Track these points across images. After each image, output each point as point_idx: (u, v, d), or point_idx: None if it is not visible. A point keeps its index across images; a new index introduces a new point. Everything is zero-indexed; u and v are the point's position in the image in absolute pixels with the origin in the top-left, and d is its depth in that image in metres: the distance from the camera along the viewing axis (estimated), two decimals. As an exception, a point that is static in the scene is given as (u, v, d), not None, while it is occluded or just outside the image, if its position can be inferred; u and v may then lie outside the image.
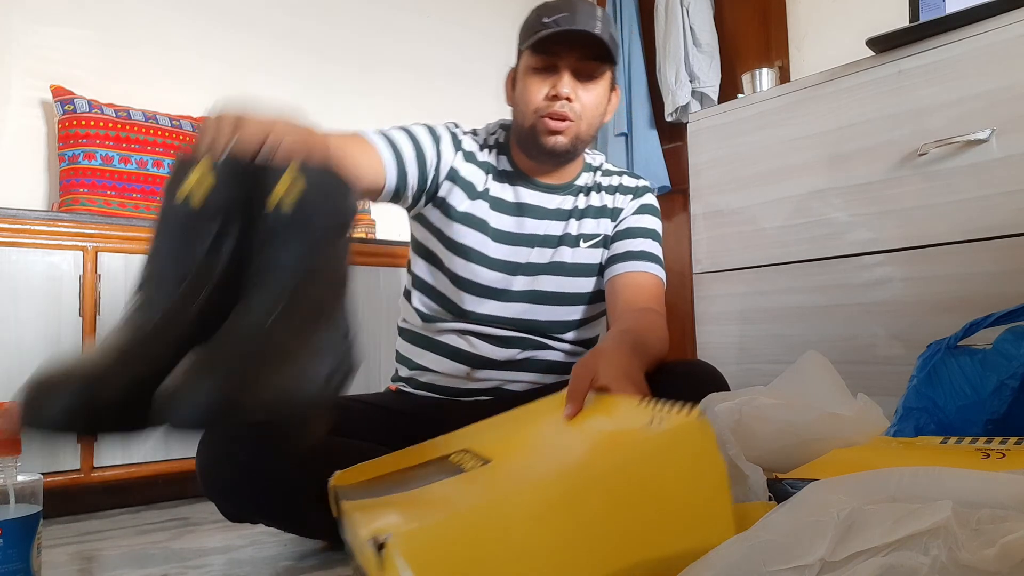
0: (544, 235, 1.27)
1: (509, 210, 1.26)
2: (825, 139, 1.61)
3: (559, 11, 1.16)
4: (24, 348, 1.53)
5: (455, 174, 1.24)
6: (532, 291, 1.26)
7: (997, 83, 1.35)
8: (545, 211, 1.28)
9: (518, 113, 1.24)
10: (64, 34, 2.03)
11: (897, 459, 0.85)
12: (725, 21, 2.76)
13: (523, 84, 1.21)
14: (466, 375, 1.26)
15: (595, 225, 1.30)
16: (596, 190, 1.33)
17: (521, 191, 1.28)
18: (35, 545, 0.79)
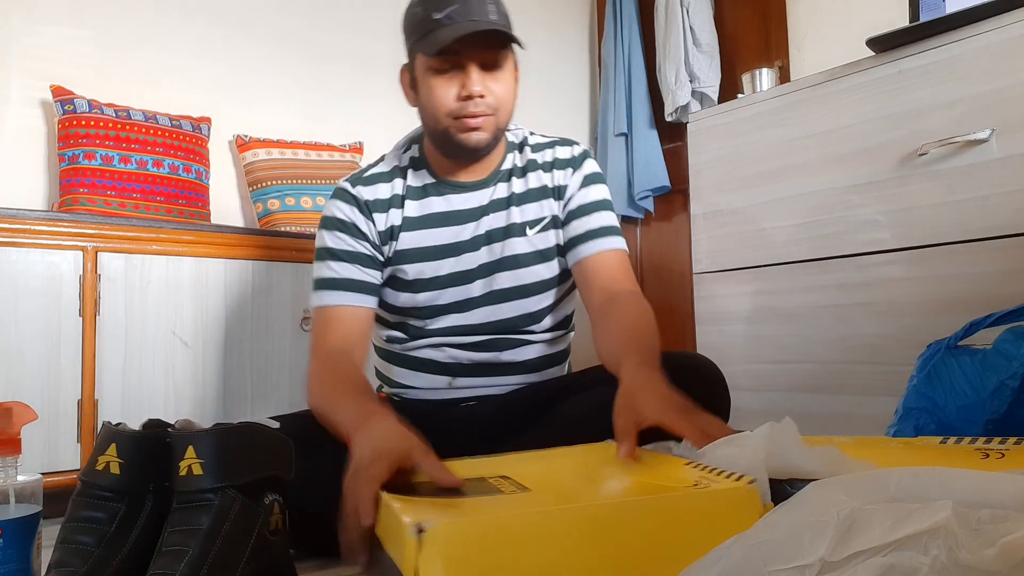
0: (487, 232, 1.23)
1: (438, 222, 1.23)
2: (825, 139, 1.61)
3: (447, 3, 1.10)
4: (24, 348, 1.53)
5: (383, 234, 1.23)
6: (491, 292, 1.23)
7: (997, 83, 1.35)
8: (479, 210, 1.24)
9: (428, 117, 1.18)
10: (64, 34, 2.03)
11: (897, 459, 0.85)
12: (725, 21, 2.76)
13: (427, 87, 1.15)
14: (448, 385, 1.25)
15: (539, 208, 1.25)
16: (530, 169, 1.26)
17: (449, 199, 1.24)
18: (35, 545, 0.79)
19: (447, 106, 1.14)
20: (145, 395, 1.66)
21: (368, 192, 1.24)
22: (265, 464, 0.76)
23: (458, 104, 1.13)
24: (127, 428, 0.79)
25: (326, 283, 1.20)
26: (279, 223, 2.12)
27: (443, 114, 1.15)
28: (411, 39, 1.16)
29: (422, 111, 1.20)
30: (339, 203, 1.23)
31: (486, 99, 1.14)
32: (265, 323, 1.83)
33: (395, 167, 1.27)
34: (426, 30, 1.11)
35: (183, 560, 0.68)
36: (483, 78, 1.13)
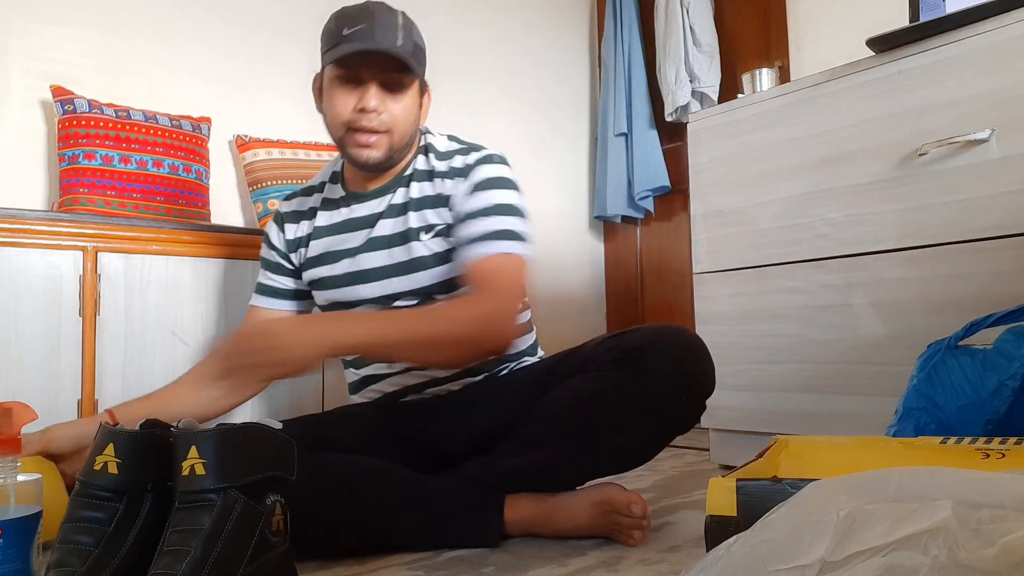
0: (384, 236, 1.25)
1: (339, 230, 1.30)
2: (825, 139, 1.61)
3: (357, 22, 1.16)
4: (24, 348, 1.53)
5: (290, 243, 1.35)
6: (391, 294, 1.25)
7: (997, 83, 1.35)
8: (374, 216, 1.27)
9: (329, 124, 1.25)
10: (64, 34, 2.03)
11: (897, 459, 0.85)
12: (725, 21, 2.76)
13: (329, 95, 1.22)
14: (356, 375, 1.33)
15: (431, 216, 1.24)
16: (430, 176, 1.27)
17: (352, 208, 1.30)
18: (35, 545, 0.79)
19: (343, 116, 1.20)
20: (145, 395, 1.66)
21: (289, 206, 1.37)
22: (267, 465, 0.77)
23: (353, 115, 1.19)
24: (125, 428, 0.79)
25: (256, 287, 1.38)
26: (279, 223, 2.12)
27: (340, 123, 1.21)
28: (322, 48, 1.24)
29: (325, 118, 1.27)
30: (271, 225, 1.39)
31: (381, 115, 1.18)
32: (265, 323, 1.83)
33: (320, 182, 1.38)
34: (334, 43, 1.18)
35: (185, 560, 0.68)
36: (382, 96, 1.18)
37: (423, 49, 1.22)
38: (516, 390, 1.25)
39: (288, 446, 0.80)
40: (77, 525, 0.76)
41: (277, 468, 0.78)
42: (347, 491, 1.05)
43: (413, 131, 1.24)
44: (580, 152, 3.19)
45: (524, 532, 1.13)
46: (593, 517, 1.09)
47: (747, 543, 0.54)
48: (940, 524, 0.46)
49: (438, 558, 1.06)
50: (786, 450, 0.94)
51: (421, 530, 1.09)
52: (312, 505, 0.99)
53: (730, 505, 0.80)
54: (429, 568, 1.01)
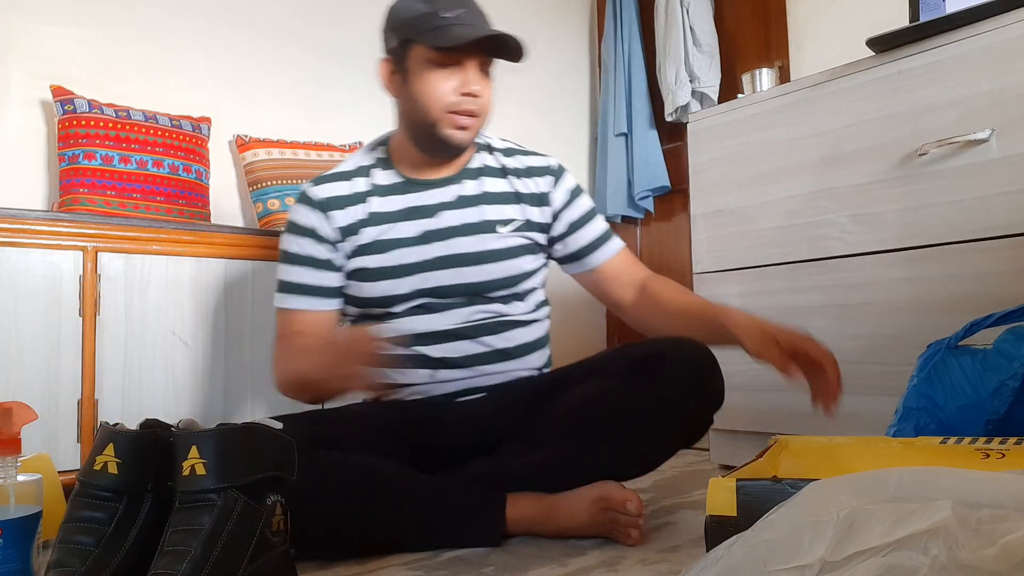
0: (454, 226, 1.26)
1: (403, 217, 1.27)
2: (825, 139, 1.61)
3: (455, 6, 1.17)
4: (24, 348, 1.53)
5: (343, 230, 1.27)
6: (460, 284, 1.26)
7: (997, 83, 1.35)
8: (441, 205, 1.28)
9: (416, 108, 1.21)
10: (64, 34, 2.03)
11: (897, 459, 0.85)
12: (725, 21, 2.76)
13: (424, 79, 1.19)
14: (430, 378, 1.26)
15: (507, 211, 1.30)
16: (501, 174, 1.32)
17: (414, 196, 1.28)
18: (35, 545, 0.79)
19: (445, 99, 1.18)
20: (145, 395, 1.66)
21: (325, 191, 1.28)
22: (267, 465, 0.77)
23: (456, 98, 1.18)
24: (125, 428, 0.79)
25: (288, 287, 1.28)
26: (279, 223, 2.12)
27: (439, 106, 1.19)
28: (408, 31, 1.19)
29: (408, 102, 1.23)
30: (300, 207, 1.28)
31: (479, 99, 1.20)
32: (264, 323, 1.83)
33: (359, 167, 1.31)
34: (434, 25, 1.16)
35: (185, 560, 0.68)
36: (481, 81, 1.20)
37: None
38: (524, 396, 1.26)
39: (288, 446, 0.80)
40: (77, 525, 0.76)
41: (277, 468, 0.78)
42: (347, 488, 1.05)
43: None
44: (580, 152, 3.18)
45: (525, 531, 1.13)
46: (592, 515, 1.09)
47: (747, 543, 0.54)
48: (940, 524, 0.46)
49: (438, 558, 1.06)
50: (786, 450, 0.94)
51: (422, 528, 1.09)
52: (313, 503, 0.99)
53: (730, 505, 0.80)
54: (429, 568, 1.01)
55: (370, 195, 1.28)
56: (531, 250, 1.32)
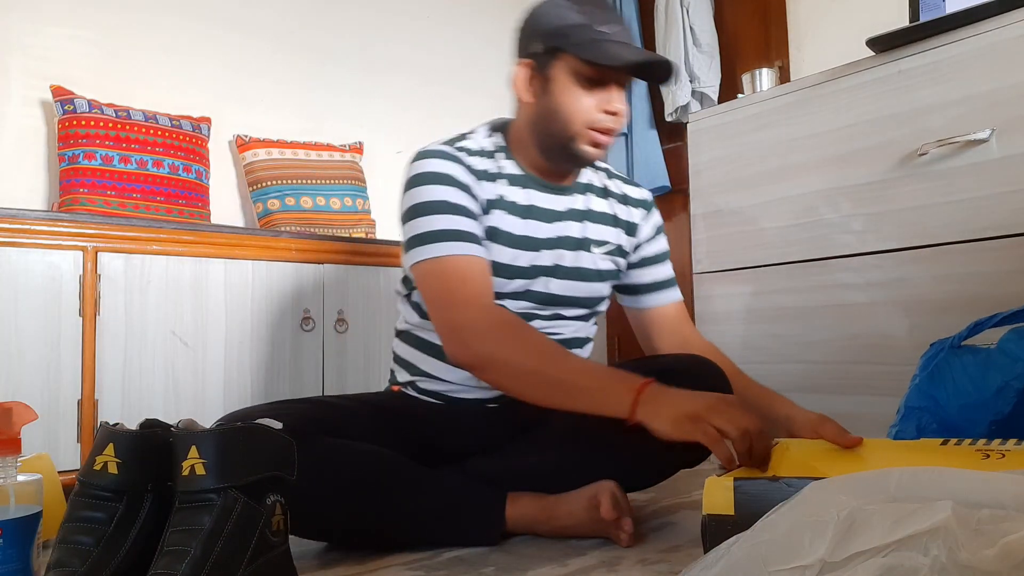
0: (557, 238, 1.25)
1: (519, 213, 1.22)
2: (825, 139, 1.61)
3: (611, 22, 1.14)
4: (24, 348, 1.53)
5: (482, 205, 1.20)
6: (548, 294, 1.24)
7: (997, 83, 1.35)
8: (555, 213, 1.25)
9: (557, 119, 1.16)
10: (64, 34, 2.03)
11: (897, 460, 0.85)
12: (725, 21, 2.76)
13: (569, 91, 1.15)
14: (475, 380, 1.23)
15: (605, 232, 1.29)
16: (604, 195, 1.32)
17: (532, 194, 1.24)
18: (35, 545, 0.79)
19: (588, 114, 1.15)
20: (145, 395, 1.66)
21: (475, 162, 1.20)
22: (267, 465, 0.77)
23: (598, 115, 1.15)
24: (125, 428, 0.79)
25: (448, 235, 1.12)
26: (279, 223, 2.12)
27: (581, 121, 1.15)
28: (559, 40, 1.14)
29: (546, 110, 1.18)
30: (448, 163, 1.17)
31: (619, 118, 1.17)
32: (265, 323, 1.83)
33: (496, 147, 1.25)
34: (589, 39, 1.12)
35: (185, 560, 0.68)
36: (623, 101, 1.17)
37: None
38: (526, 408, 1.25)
39: (288, 446, 0.80)
40: (77, 525, 0.76)
41: (277, 468, 0.78)
42: (348, 475, 1.05)
43: None
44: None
45: (524, 530, 1.13)
46: (589, 512, 1.09)
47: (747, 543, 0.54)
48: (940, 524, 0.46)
49: (438, 558, 1.06)
50: (787, 453, 0.94)
51: (422, 521, 1.09)
52: (313, 487, 0.98)
53: (727, 504, 0.80)
54: (429, 568, 1.01)
55: (500, 178, 1.22)
56: (615, 276, 1.32)
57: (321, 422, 1.09)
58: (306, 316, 1.89)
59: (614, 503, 1.07)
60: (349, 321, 1.97)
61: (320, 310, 1.92)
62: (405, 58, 2.68)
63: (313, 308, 1.90)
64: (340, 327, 1.95)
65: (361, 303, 2.00)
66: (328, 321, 1.93)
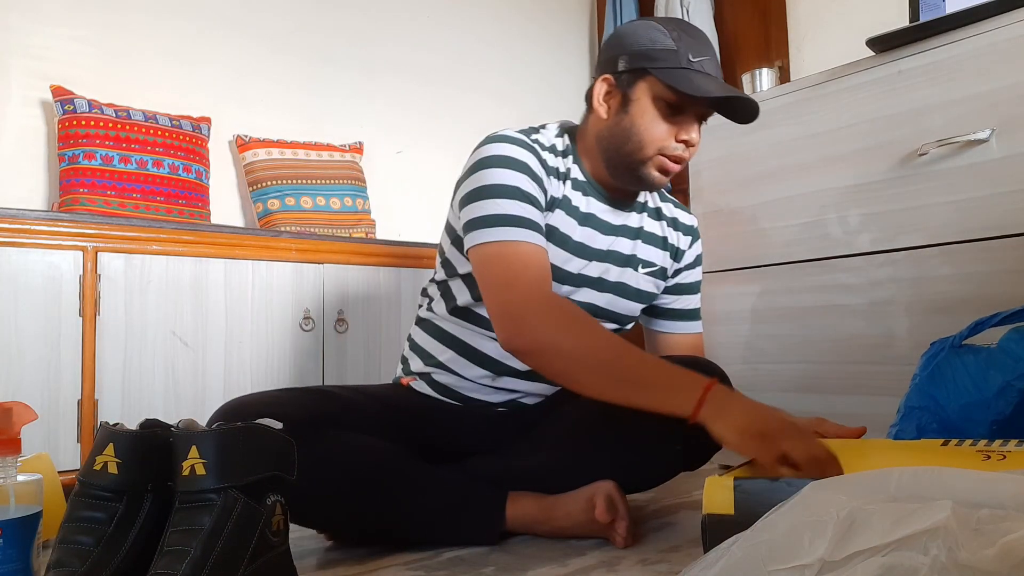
0: (608, 251, 1.24)
1: (578, 219, 1.20)
2: (825, 139, 1.61)
3: (703, 52, 1.12)
4: (24, 348, 1.53)
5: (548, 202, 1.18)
6: (590, 304, 1.22)
7: (997, 83, 1.35)
8: (611, 227, 1.24)
9: (631, 140, 1.15)
10: (64, 34, 2.03)
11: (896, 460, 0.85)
12: (725, 21, 2.76)
13: (647, 115, 1.13)
14: (490, 382, 1.23)
15: (653, 254, 1.29)
16: (656, 216, 1.31)
17: (592, 202, 1.22)
18: (35, 545, 0.79)
19: (662, 141, 1.14)
20: (145, 395, 1.66)
21: (549, 159, 1.19)
22: (267, 465, 0.77)
23: (672, 143, 1.14)
24: (125, 428, 0.79)
25: (516, 220, 1.09)
26: (279, 223, 2.12)
27: (655, 146, 1.14)
28: (646, 61, 1.13)
29: (620, 129, 1.16)
30: (523, 151, 1.14)
31: (692, 149, 1.17)
32: (265, 323, 1.83)
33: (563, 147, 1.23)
34: (678, 65, 1.10)
35: (185, 560, 0.68)
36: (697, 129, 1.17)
37: None
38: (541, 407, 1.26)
39: (288, 446, 0.80)
40: (77, 525, 0.76)
41: (277, 468, 0.78)
42: (350, 468, 1.05)
43: None
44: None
45: (524, 530, 1.13)
46: (586, 513, 1.09)
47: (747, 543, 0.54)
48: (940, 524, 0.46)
49: (438, 558, 1.06)
50: None
51: (422, 518, 1.09)
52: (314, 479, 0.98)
53: (727, 503, 0.80)
54: (429, 568, 1.01)
55: (567, 179, 1.21)
56: (652, 298, 1.32)
57: (323, 414, 1.09)
58: (306, 316, 1.89)
59: (609, 505, 1.07)
60: (349, 321, 1.97)
61: (320, 310, 1.92)
62: (405, 58, 2.68)
63: (313, 308, 1.90)
64: (340, 327, 1.95)
65: (361, 303, 2.00)
66: (328, 321, 1.93)
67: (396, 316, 2.05)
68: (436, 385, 1.25)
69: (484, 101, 2.83)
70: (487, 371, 1.22)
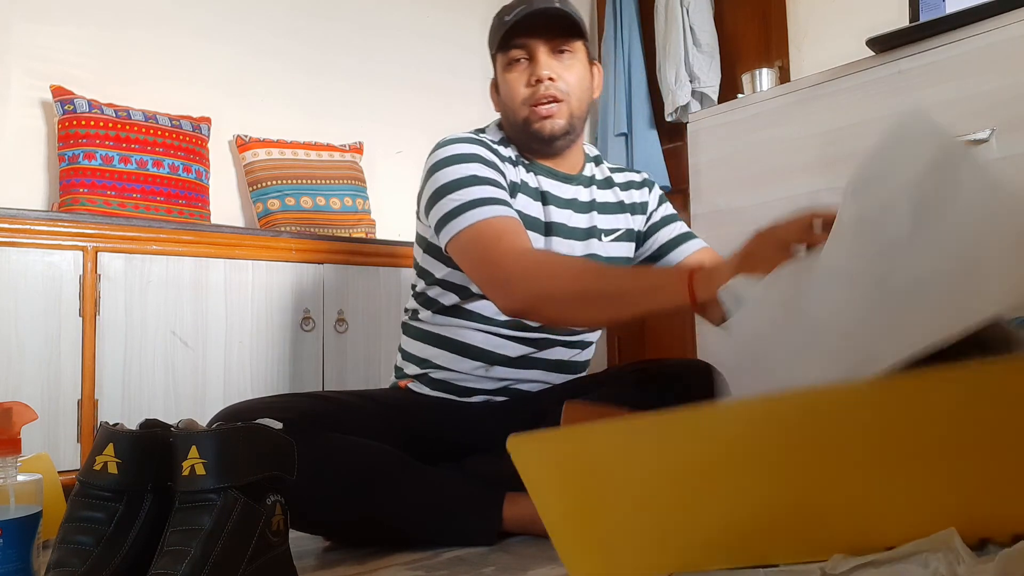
0: (571, 227, 1.26)
1: (538, 199, 1.24)
2: (825, 139, 1.61)
3: (517, 5, 1.18)
4: (24, 348, 1.53)
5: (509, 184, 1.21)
6: None
7: (997, 83, 1.35)
8: (564, 201, 1.27)
9: (509, 113, 1.23)
10: (64, 34, 2.03)
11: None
12: (725, 21, 2.75)
13: (504, 83, 1.22)
14: (484, 372, 1.24)
15: (613, 221, 1.31)
16: (607, 185, 1.33)
17: (542, 180, 1.25)
18: (35, 545, 0.79)
19: (521, 94, 1.19)
20: (145, 395, 1.66)
21: (497, 148, 1.22)
22: (267, 465, 0.77)
23: (530, 90, 1.18)
24: (125, 428, 0.79)
25: (478, 202, 1.10)
26: (279, 223, 2.12)
27: (519, 104, 1.20)
28: (490, 47, 1.23)
29: (504, 110, 1.25)
30: (474, 146, 1.18)
31: (556, 83, 1.18)
32: (265, 323, 1.83)
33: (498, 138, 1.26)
34: (499, 33, 1.18)
35: (184, 560, 0.68)
36: (553, 64, 1.18)
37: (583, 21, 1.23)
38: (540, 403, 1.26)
39: (288, 446, 0.80)
40: (77, 525, 0.76)
41: (277, 468, 0.78)
42: (347, 470, 1.05)
43: (589, 100, 1.25)
44: (580, 152, 3.19)
45: (522, 530, 1.13)
46: None
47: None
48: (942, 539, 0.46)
49: (438, 558, 1.06)
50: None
51: (419, 520, 1.09)
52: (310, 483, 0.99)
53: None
54: (429, 568, 1.01)
55: (519, 164, 1.24)
56: (627, 261, 1.33)
57: (322, 417, 1.09)
58: (306, 316, 1.89)
59: None
60: (349, 321, 1.97)
61: (320, 310, 1.92)
62: (405, 58, 2.68)
63: (313, 308, 1.90)
64: (340, 327, 1.95)
65: (361, 303, 2.00)
66: (328, 321, 1.93)
67: (396, 316, 2.05)
68: (433, 383, 1.26)
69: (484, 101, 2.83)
70: (479, 362, 1.24)
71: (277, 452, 0.79)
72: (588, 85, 1.24)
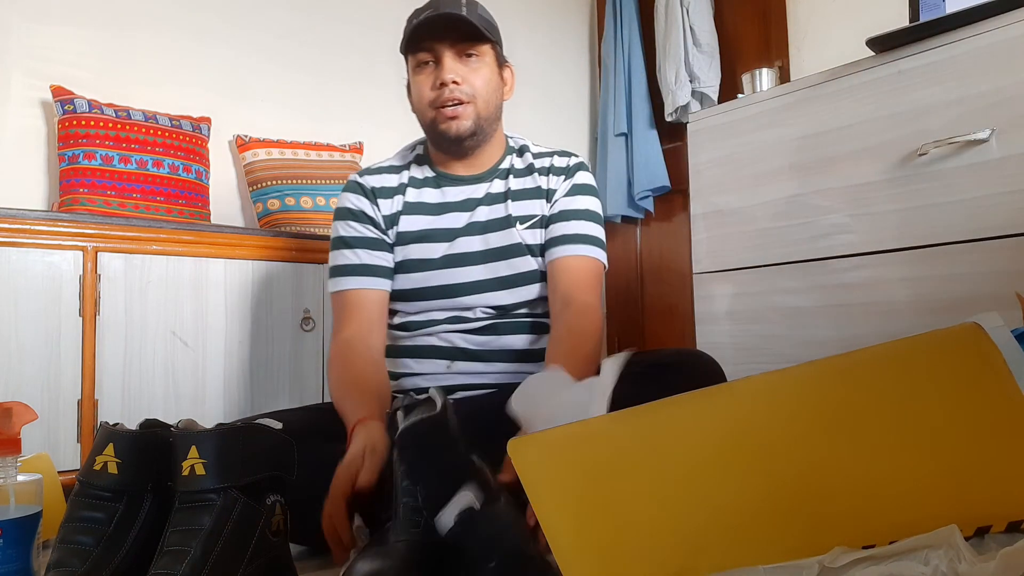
0: (483, 222, 1.29)
1: (434, 211, 1.29)
2: (825, 139, 1.61)
3: (425, 9, 1.20)
4: (24, 348, 1.53)
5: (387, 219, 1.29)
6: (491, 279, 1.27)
7: (997, 83, 1.35)
8: (473, 201, 1.30)
9: (419, 114, 1.27)
10: (64, 34, 2.03)
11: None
12: (725, 21, 2.75)
13: (413, 85, 1.25)
14: (446, 368, 1.28)
15: (529, 207, 1.31)
16: (528, 172, 1.33)
17: (445, 190, 1.30)
18: (35, 545, 0.79)
19: (427, 96, 1.23)
20: (145, 395, 1.66)
21: (375, 181, 1.31)
22: (267, 465, 0.77)
23: (435, 93, 1.22)
24: (124, 428, 0.79)
25: (340, 270, 1.27)
26: (279, 223, 2.12)
27: (426, 105, 1.24)
28: (401, 50, 1.26)
29: (415, 112, 1.29)
30: (348, 194, 1.31)
31: (461, 86, 1.21)
32: (265, 323, 1.83)
33: (405, 161, 1.35)
34: (407, 34, 1.22)
35: (184, 560, 0.68)
36: (457, 68, 1.21)
37: (494, 23, 1.26)
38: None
39: (288, 446, 0.80)
40: (77, 525, 0.76)
41: (277, 468, 0.78)
42: None
43: (498, 103, 1.28)
44: (580, 152, 3.18)
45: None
46: None
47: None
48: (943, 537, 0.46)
49: (438, 559, 1.06)
50: None
51: None
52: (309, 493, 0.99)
53: None
54: (429, 569, 1.01)
55: (407, 187, 1.31)
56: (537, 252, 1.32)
57: (320, 428, 1.09)
58: (306, 316, 1.89)
59: None
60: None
61: (320, 310, 1.92)
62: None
63: (313, 308, 1.90)
64: (340, 327, 1.95)
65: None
66: (328, 321, 1.93)
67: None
68: (405, 391, 1.28)
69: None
70: (441, 359, 1.28)
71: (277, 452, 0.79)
72: (497, 87, 1.27)
